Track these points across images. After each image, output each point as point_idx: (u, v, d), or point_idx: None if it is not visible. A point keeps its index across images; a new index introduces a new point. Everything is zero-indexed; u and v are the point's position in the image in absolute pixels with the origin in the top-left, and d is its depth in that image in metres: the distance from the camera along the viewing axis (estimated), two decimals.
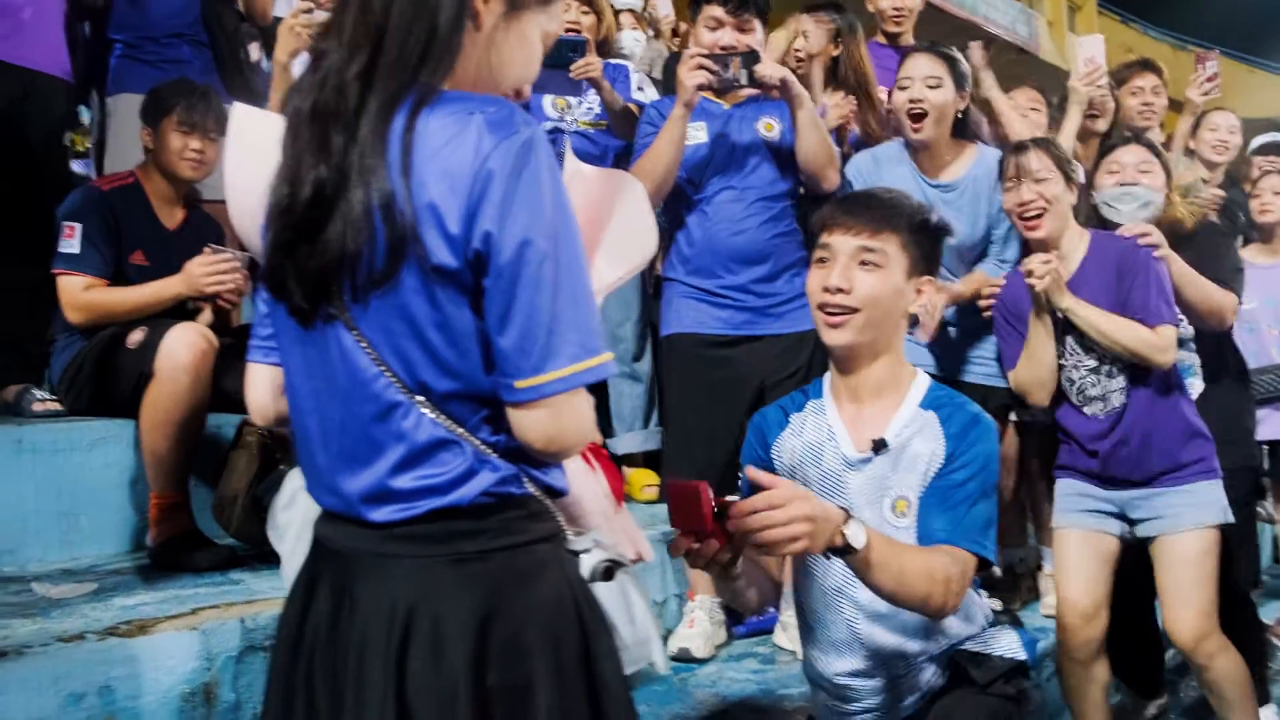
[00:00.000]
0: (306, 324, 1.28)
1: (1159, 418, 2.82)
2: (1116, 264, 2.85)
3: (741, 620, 3.30)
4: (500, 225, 1.18)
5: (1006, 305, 3.01)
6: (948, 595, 1.85)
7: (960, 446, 1.98)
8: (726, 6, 3.11)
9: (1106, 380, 2.84)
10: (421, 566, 1.26)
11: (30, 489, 2.80)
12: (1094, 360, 2.84)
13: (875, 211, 2.03)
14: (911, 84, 3.23)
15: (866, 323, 2.00)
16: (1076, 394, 2.89)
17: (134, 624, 2.27)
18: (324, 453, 1.31)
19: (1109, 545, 2.88)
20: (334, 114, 1.23)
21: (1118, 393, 2.83)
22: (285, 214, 1.25)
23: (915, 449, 2.01)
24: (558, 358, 1.21)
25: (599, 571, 1.35)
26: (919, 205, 2.09)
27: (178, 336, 2.81)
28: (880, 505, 2.01)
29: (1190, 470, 2.82)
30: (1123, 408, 2.82)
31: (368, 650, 1.25)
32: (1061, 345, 2.87)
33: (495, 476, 1.27)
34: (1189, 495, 2.80)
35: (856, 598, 2.02)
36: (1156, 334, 2.76)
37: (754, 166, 3.19)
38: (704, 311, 3.20)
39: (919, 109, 3.21)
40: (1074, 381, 2.88)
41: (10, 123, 3.08)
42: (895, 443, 2.02)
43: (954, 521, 1.92)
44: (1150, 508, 2.83)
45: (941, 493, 1.96)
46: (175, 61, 3.66)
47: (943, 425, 2.01)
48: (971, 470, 1.96)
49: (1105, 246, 2.90)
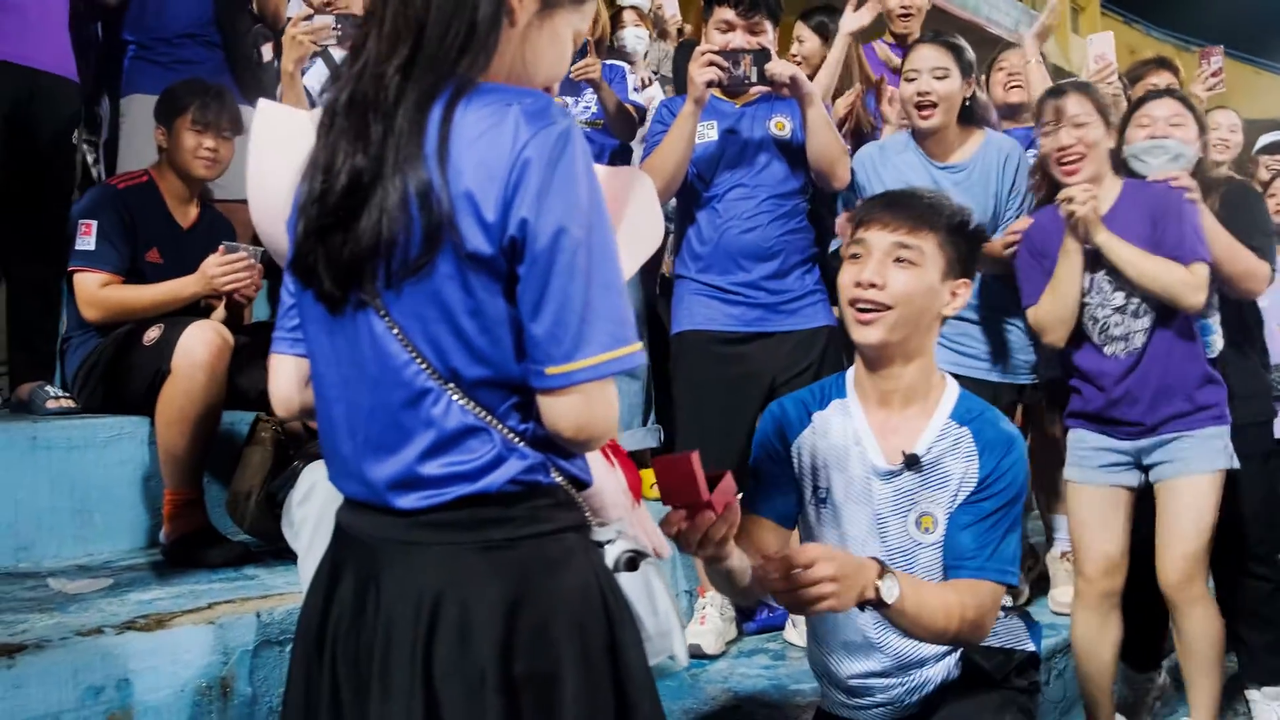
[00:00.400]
0: (336, 311, 1.29)
1: (1178, 361, 2.81)
2: (1149, 208, 2.82)
3: (753, 617, 3.31)
4: (537, 212, 1.19)
5: (1033, 240, 2.97)
6: (978, 630, 1.88)
7: (994, 471, 1.96)
8: (738, 9, 3.11)
9: (1131, 320, 2.82)
10: (449, 554, 1.27)
11: (45, 486, 2.80)
12: (1121, 298, 2.82)
13: (914, 209, 2.00)
14: (919, 76, 3.23)
15: (898, 321, 1.95)
16: (1099, 332, 2.86)
17: (150, 618, 2.27)
18: (350, 440, 1.31)
19: (1126, 499, 2.88)
20: (372, 104, 1.25)
21: (1140, 333, 2.81)
22: (319, 201, 1.27)
23: (947, 467, 1.98)
24: (589, 345, 1.22)
25: (622, 561, 1.36)
26: (959, 207, 2.05)
27: (194, 334, 2.83)
28: (907, 519, 1.99)
29: (1203, 415, 2.81)
30: (1144, 348, 2.81)
31: (394, 638, 1.26)
32: (1089, 281, 2.83)
33: (523, 464, 1.27)
34: (1199, 440, 2.80)
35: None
36: (1190, 271, 2.74)
37: (765, 164, 3.19)
38: (715, 308, 3.20)
39: (927, 100, 3.21)
40: (1097, 320, 2.85)
41: (18, 122, 3.08)
42: (926, 458, 1.99)
43: (986, 550, 1.91)
44: (1163, 452, 2.82)
45: (974, 519, 1.94)
46: (187, 62, 3.68)
47: (977, 444, 1.98)
48: (1005, 498, 1.94)
49: (1138, 191, 2.87)
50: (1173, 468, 2.81)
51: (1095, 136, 2.84)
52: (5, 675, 1.99)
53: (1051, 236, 2.87)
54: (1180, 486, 2.79)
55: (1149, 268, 2.74)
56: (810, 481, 2.08)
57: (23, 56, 3.07)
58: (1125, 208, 2.85)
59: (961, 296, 2.02)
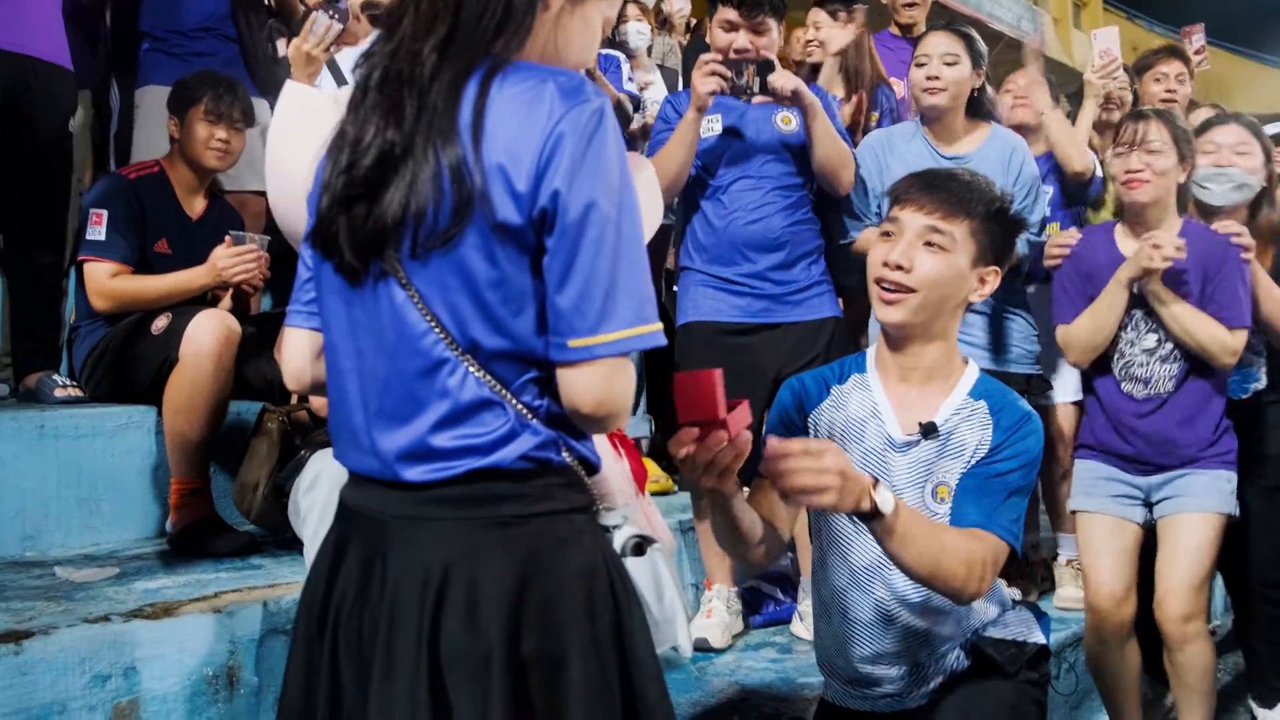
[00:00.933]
0: (355, 281, 1.29)
1: (1198, 413, 2.83)
2: (1204, 259, 2.81)
3: (759, 610, 3.31)
4: (569, 185, 1.20)
5: (1082, 259, 2.97)
6: (970, 578, 1.81)
7: (1008, 439, 1.95)
8: (741, 9, 3.11)
9: (1158, 365, 2.83)
10: (458, 528, 1.26)
11: (52, 475, 2.81)
12: (1153, 341, 2.82)
13: (949, 193, 1.98)
14: (929, 61, 3.24)
15: (922, 304, 1.96)
16: (1120, 368, 2.87)
17: (157, 607, 2.27)
18: (362, 411, 1.31)
19: (1134, 532, 2.88)
20: (407, 81, 1.25)
21: (1166, 379, 2.82)
22: (346, 173, 1.27)
23: (962, 436, 1.98)
24: (613, 320, 1.22)
25: (629, 546, 1.36)
26: (998, 194, 2.03)
27: (202, 323, 2.83)
28: (923, 489, 1.99)
29: (1213, 459, 2.82)
30: (1167, 396, 2.82)
31: (399, 614, 1.25)
32: (1127, 317, 2.84)
33: (535, 440, 1.27)
34: (1206, 479, 2.81)
35: (889, 578, 2.01)
36: (1232, 335, 2.75)
37: (771, 157, 3.18)
38: (721, 299, 3.19)
39: (936, 85, 3.22)
40: (1123, 355, 2.86)
41: (15, 111, 3.08)
42: (944, 428, 1.99)
43: (988, 509, 1.89)
44: (1170, 488, 2.83)
45: (980, 479, 1.93)
46: (202, 55, 3.70)
47: (992, 415, 1.98)
48: (1014, 464, 1.93)
49: (1196, 238, 2.83)
50: (1176, 503, 2.82)
51: (1164, 165, 2.82)
52: (12, 662, 1.99)
53: (1102, 260, 2.87)
54: (1182, 522, 2.80)
55: (1191, 324, 2.76)
56: None
57: (18, 45, 3.07)
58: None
59: (990, 284, 2.02)
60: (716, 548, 3.13)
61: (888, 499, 1.68)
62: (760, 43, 3.12)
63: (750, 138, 3.19)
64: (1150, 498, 2.87)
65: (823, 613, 2.15)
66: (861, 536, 2.00)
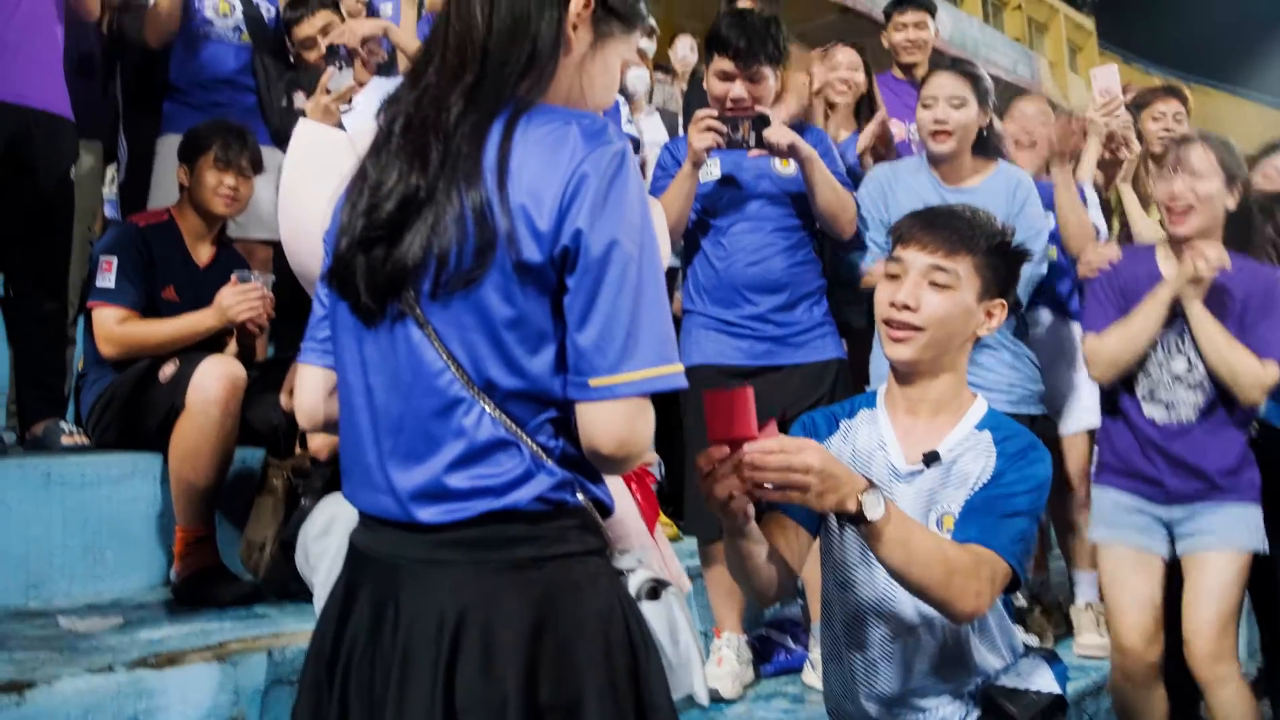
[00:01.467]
0: (370, 322, 1.29)
1: (1220, 444, 2.78)
2: (1245, 288, 2.76)
3: (770, 659, 3.28)
4: (591, 224, 1.21)
5: (1122, 274, 2.90)
6: (964, 591, 1.76)
7: (1011, 466, 1.95)
8: (736, 59, 3.10)
9: (1184, 390, 2.78)
10: (472, 572, 1.25)
11: (57, 523, 2.79)
12: (1181, 366, 2.78)
13: (952, 231, 1.99)
14: (935, 103, 3.22)
15: (930, 342, 1.97)
16: (1144, 389, 2.82)
17: (161, 656, 2.26)
18: (375, 449, 1.31)
19: (1158, 565, 2.82)
20: (432, 126, 1.27)
21: (1189, 406, 2.78)
22: (366, 216, 1.28)
23: (965, 466, 1.98)
24: (635, 360, 1.22)
25: (645, 590, 1.35)
26: (1000, 228, 2.04)
27: (208, 370, 2.83)
28: (927, 519, 1.98)
29: (1240, 493, 2.77)
30: (1189, 424, 2.78)
31: (412, 659, 1.24)
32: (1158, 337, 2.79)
33: (551, 481, 1.27)
34: (1234, 516, 2.75)
35: (895, 610, 1.99)
36: (1265, 369, 2.69)
37: (770, 200, 3.19)
38: (723, 342, 3.18)
39: (943, 128, 3.21)
40: (1150, 375, 2.81)
41: (16, 161, 3.10)
42: (947, 458, 1.99)
43: (988, 527, 1.87)
44: (1193, 524, 2.77)
45: (982, 500, 1.92)
46: (219, 105, 3.76)
47: (996, 445, 1.98)
48: (1019, 488, 1.92)
49: (1240, 268, 2.78)
50: (1201, 541, 2.76)
51: (1209, 190, 2.76)
52: (14, 713, 1.98)
53: (1142, 277, 2.82)
54: (1208, 561, 2.74)
55: (1226, 352, 2.70)
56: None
57: (16, 96, 3.09)
58: (1223, 280, 2.77)
59: (997, 317, 2.02)
60: (725, 593, 3.11)
61: (876, 503, 1.65)
62: (757, 92, 3.12)
63: (749, 182, 3.20)
64: (1173, 529, 2.81)
65: (832, 653, 2.13)
66: (868, 568, 1.99)
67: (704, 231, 3.24)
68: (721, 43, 3.13)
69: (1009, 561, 1.85)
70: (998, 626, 2.08)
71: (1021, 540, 1.89)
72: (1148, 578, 2.81)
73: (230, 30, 3.86)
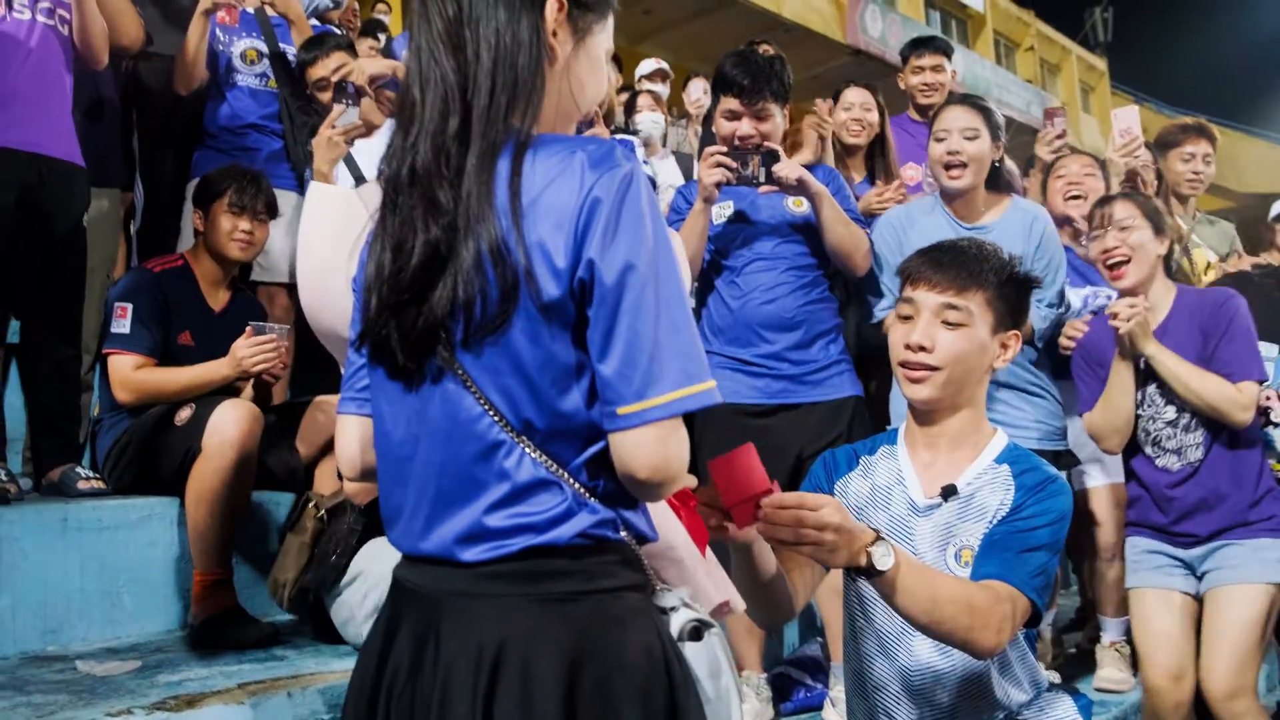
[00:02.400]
0: (410, 380, 1.30)
1: (1234, 475, 2.81)
2: (1201, 320, 2.84)
3: (790, 697, 3.25)
4: (603, 252, 1.20)
5: (1088, 348, 3.02)
6: (988, 630, 1.75)
7: (1030, 498, 1.93)
8: (742, 97, 3.13)
9: (1183, 434, 2.84)
10: (512, 605, 1.25)
11: (75, 567, 2.79)
12: (1173, 412, 2.84)
13: (960, 267, 2.00)
14: (949, 136, 3.22)
15: (947, 380, 1.97)
16: (1151, 444, 2.88)
17: (180, 699, 2.25)
18: (420, 496, 1.30)
19: (1187, 604, 2.85)
20: (436, 175, 1.26)
21: (1194, 447, 2.83)
22: (393, 278, 1.27)
23: (984, 499, 1.97)
24: (660, 383, 1.21)
25: (687, 631, 1.33)
26: (1006, 259, 2.04)
27: (225, 414, 2.84)
28: (945, 553, 1.97)
29: (1258, 526, 2.79)
30: (1199, 463, 2.82)
31: (452, 691, 1.23)
32: (1140, 394, 2.87)
33: (593, 519, 1.26)
34: (1253, 550, 2.77)
35: (913, 645, 1.98)
36: (1239, 390, 2.75)
37: (783, 239, 3.21)
38: (739, 381, 3.18)
39: (957, 160, 3.22)
40: (1150, 432, 2.88)
41: (29, 208, 3.13)
42: (965, 491, 1.98)
43: (1006, 561, 1.85)
44: (1215, 560, 2.80)
45: (1002, 535, 1.91)
46: (247, 150, 3.81)
47: (1015, 478, 1.97)
48: (1039, 521, 1.91)
49: (1192, 301, 2.89)
50: (1222, 575, 2.79)
51: (1140, 240, 2.88)
52: None
53: (1106, 344, 2.90)
54: (1229, 595, 2.76)
55: (1196, 384, 2.76)
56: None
57: (29, 144, 3.13)
58: (1178, 318, 2.88)
59: (1012, 348, 2.03)
60: (745, 632, 3.08)
61: (885, 555, 1.64)
62: (763, 129, 3.14)
63: (762, 221, 3.22)
64: (1196, 569, 2.84)
65: (856, 688, 2.12)
66: (884, 604, 1.95)
67: (718, 271, 3.25)
68: (727, 82, 3.17)
69: (1029, 596, 1.83)
70: (1019, 661, 2.07)
71: (1041, 574, 1.87)
72: (1175, 619, 2.84)
73: (256, 78, 3.92)
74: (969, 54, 22.32)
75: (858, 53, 18.35)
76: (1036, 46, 26.81)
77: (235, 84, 3.90)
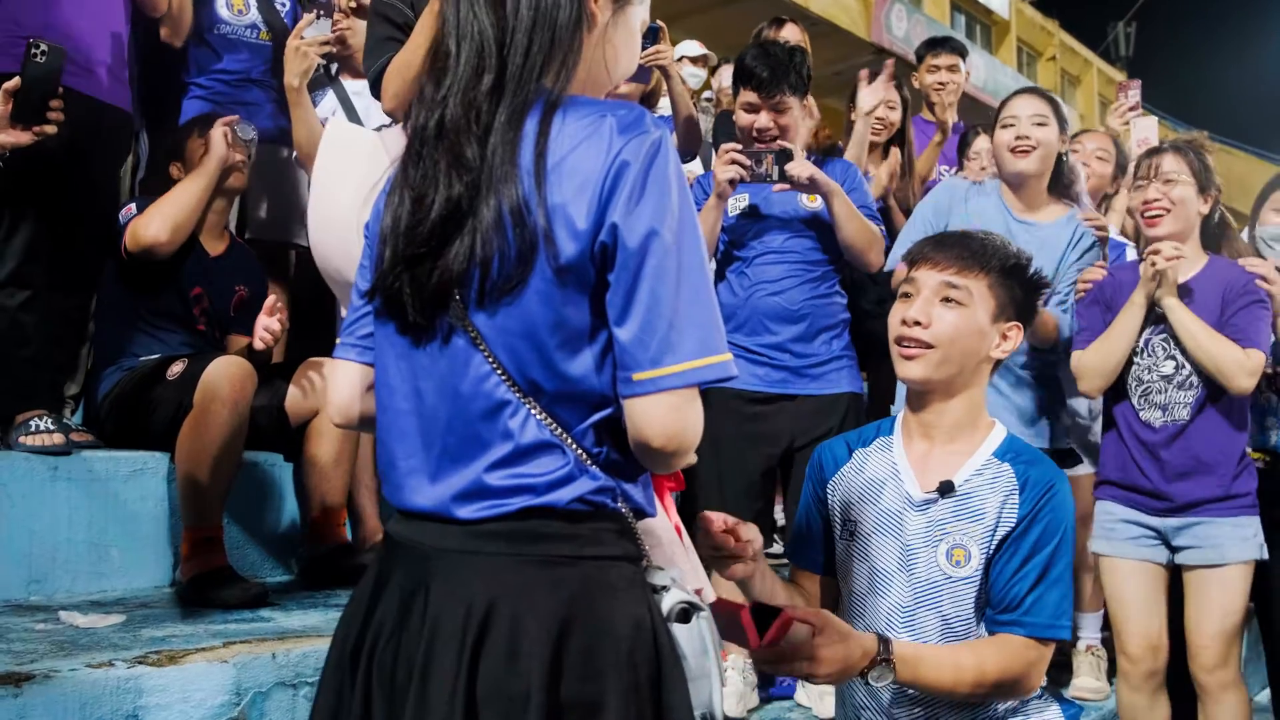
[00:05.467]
0: (419, 335, 1.28)
1: (1218, 443, 2.80)
2: (1224, 288, 2.82)
3: (774, 683, 3.23)
4: (627, 217, 1.19)
5: (1104, 289, 2.98)
6: (1018, 689, 1.83)
7: (1035, 510, 1.89)
8: (759, 90, 3.14)
9: (1175, 391, 2.82)
10: (505, 564, 1.23)
11: (63, 518, 2.76)
12: (1170, 367, 2.83)
13: (964, 249, 1.98)
14: (1018, 122, 3.17)
15: (942, 360, 1.93)
16: (1139, 395, 2.87)
17: (163, 654, 2.22)
18: (423, 452, 1.29)
19: (1161, 575, 2.86)
20: (464, 129, 1.24)
21: (1182, 406, 2.82)
22: (410, 231, 1.26)
23: (983, 499, 1.93)
24: (678, 351, 1.19)
25: (676, 612, 1.32)
26: (1015, 250, 2.02)
27: (218, 370, 2.80)
28: (937, 550, 1.93)
29: (1235, 503, 2.79)
30: (1184, 424, 2.81)
31: (438, 647, 1.22)
32: (1144, 342, 2.85)
33: (593, 485, 1.25)
34: (1230, 528, 2.77)
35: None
36: (1246, 355, 2.73)
37: (794, 234, 3.20)
38: (741, 367, 3.11)
39: (1026, 144, 3.16)
40: (1142, 381, 2.87)
41: (78, 151, 3.07)
42: (963, 488, 1.94)
43: (1025, 607, 1.84)
44: (1192, 536, 2.80)
45: (1015, 564, 1.87)
46: (245, 104, 3.72)
47: (1018, 479, 1.92)
48: (1049, 542, 1.87)
49: (1220, 271, 2.87)
50: (1201, 554, 2.79)
51: (1182, 195, 2.85)
52: (11, 705, 1.94)
53: (1123, 290, 2.89)
54: (1209, 577, 2.78)
55: (1205, 341, 2.74)
56: (840, 515, 2.06)
57: (88, 88, 3.09)
58: (1203, 282, 2.86)
59: (1013, 339, 1.99)
60: None
61: (882, 675, 1.70)
62: (782, 121, 3.15)
63: (774, 215, 3.21)
64: (1170, 540, 2.83)
65: (845, 691, 2.09)
66: (873, 598, 1.97)
67: (729, 262, 3.26)
68: (746, 74, 3.19)
69: (1051, 637, 1.85)
70: None
71: (1063, 600, 1.87)
72: (1150, 588, 2.85)
73: (246, 29, 3.81)
74: (991, 60, 22.29)
75: (881, 51, 18.30)
76: (1059, 57, 26.78)
77: (223, 35, 3.78)
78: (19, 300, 2.96)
